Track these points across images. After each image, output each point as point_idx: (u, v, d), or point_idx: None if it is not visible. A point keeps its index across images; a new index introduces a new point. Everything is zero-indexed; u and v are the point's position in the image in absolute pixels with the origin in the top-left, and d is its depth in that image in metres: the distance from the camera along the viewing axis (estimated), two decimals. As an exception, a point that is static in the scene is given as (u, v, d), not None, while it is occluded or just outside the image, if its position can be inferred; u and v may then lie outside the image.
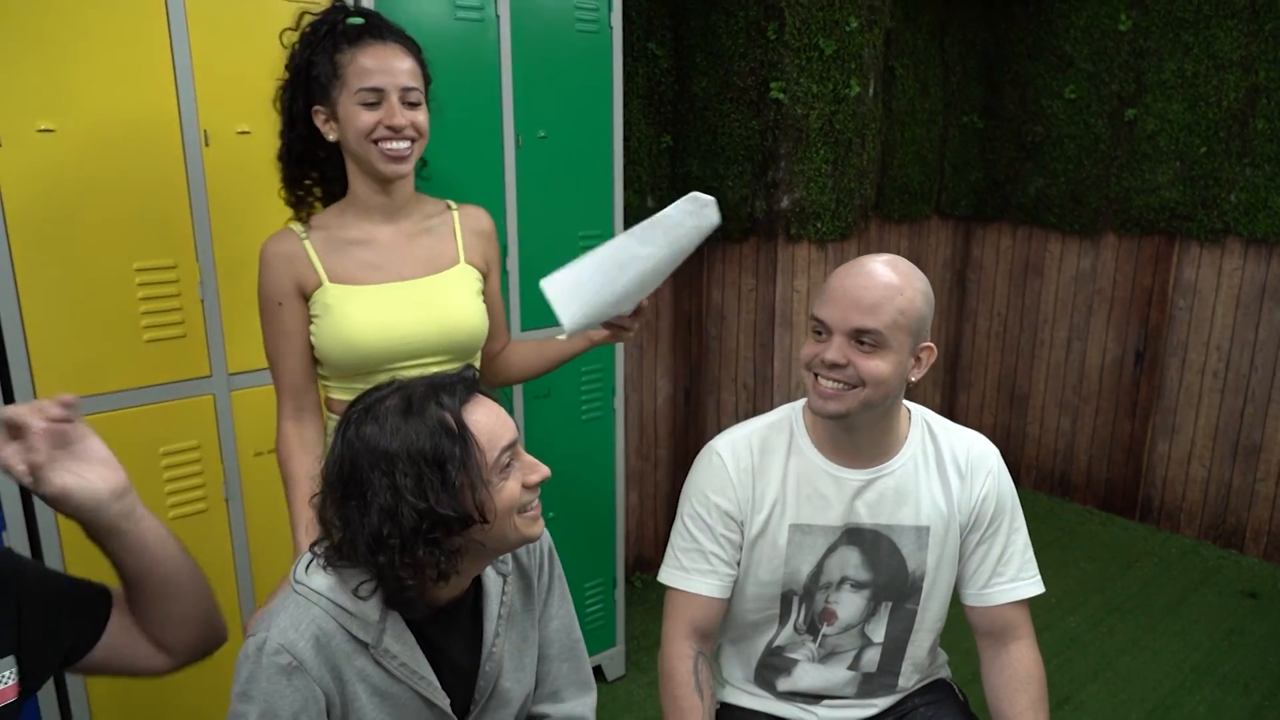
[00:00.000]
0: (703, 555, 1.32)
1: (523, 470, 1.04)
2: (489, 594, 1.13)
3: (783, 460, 1.33)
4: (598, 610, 2.50)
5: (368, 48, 1.34)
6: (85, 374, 1.60)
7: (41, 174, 1.51)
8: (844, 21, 2.59)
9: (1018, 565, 1.35)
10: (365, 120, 1.34)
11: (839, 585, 1.34)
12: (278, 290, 1.40)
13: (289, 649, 0.97)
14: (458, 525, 0.97)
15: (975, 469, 1.34)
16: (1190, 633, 2.82)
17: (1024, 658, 1.33)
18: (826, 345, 1.21)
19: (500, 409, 1.05)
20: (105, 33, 1.53)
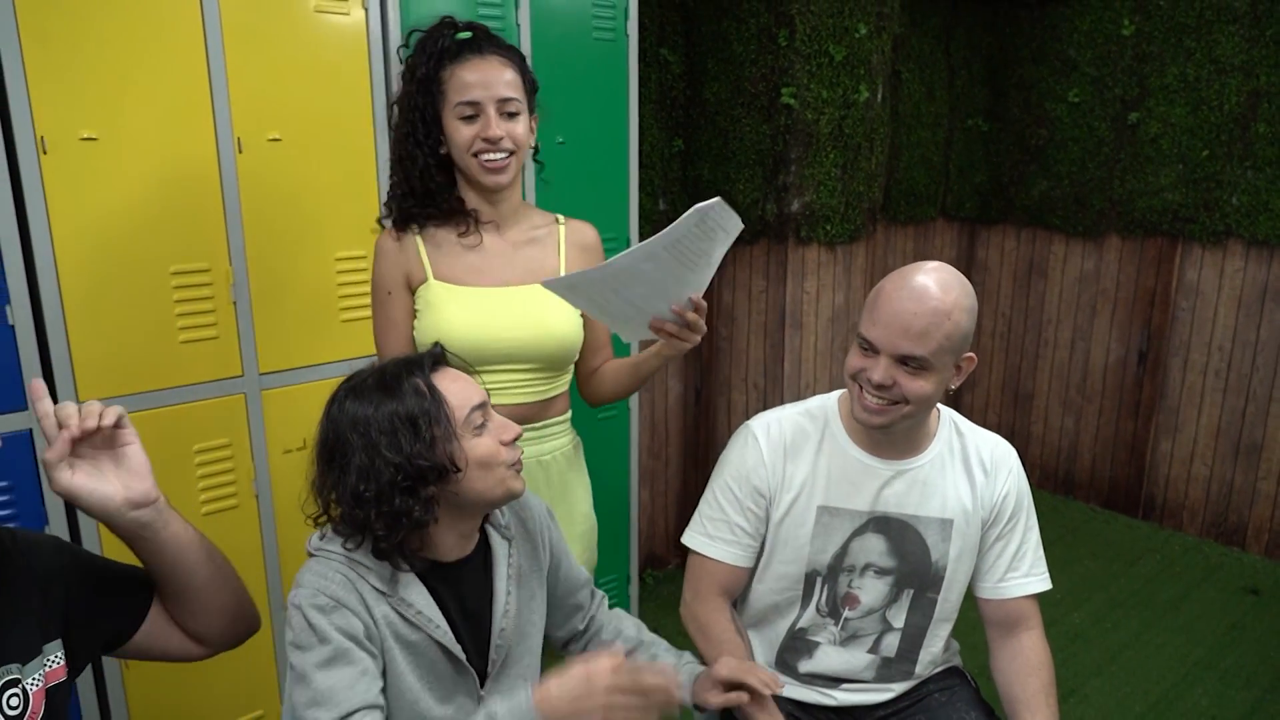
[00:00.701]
0: (728, 525, 1.40)
1: (497, 429, 1.13)
2: (497, 555, 1.21)
3: (815, 446, 1.39)
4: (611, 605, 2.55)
5: (466, 62, 1.37)
6: (123, 374, 1.65)
7: (84, 180, 1.56)
8: (853, 28, 2.64)
9: (1031, 561, 1.42)
10: (464, 134, 1.38)
11: (863, 571, 1.39)
12: (388, 280, 1.45)
13: (323, 591, 1.06)
14: (432, 474, 1.06)
15: (998, 467, 1.40)
16: (1193, 628, 2.86)
17: (1034, 646, 1.40)
18: (873, 363, 1.25)
19: (468, 378, 1.15)
20: (144, 44, 1.58)
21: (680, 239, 1.23)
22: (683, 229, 1.21)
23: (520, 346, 1.44)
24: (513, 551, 1.23)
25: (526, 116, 1.43)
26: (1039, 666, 1.37)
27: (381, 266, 1.45)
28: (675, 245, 1.23)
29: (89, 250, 1.58)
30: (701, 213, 1.19)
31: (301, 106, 1.77)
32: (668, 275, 1.29)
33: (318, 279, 1.85)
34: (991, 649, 1.44)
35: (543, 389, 1.49)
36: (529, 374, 1.47)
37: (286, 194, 1.79)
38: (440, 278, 1.44)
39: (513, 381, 1.46)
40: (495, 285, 1.45)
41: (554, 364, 1.49)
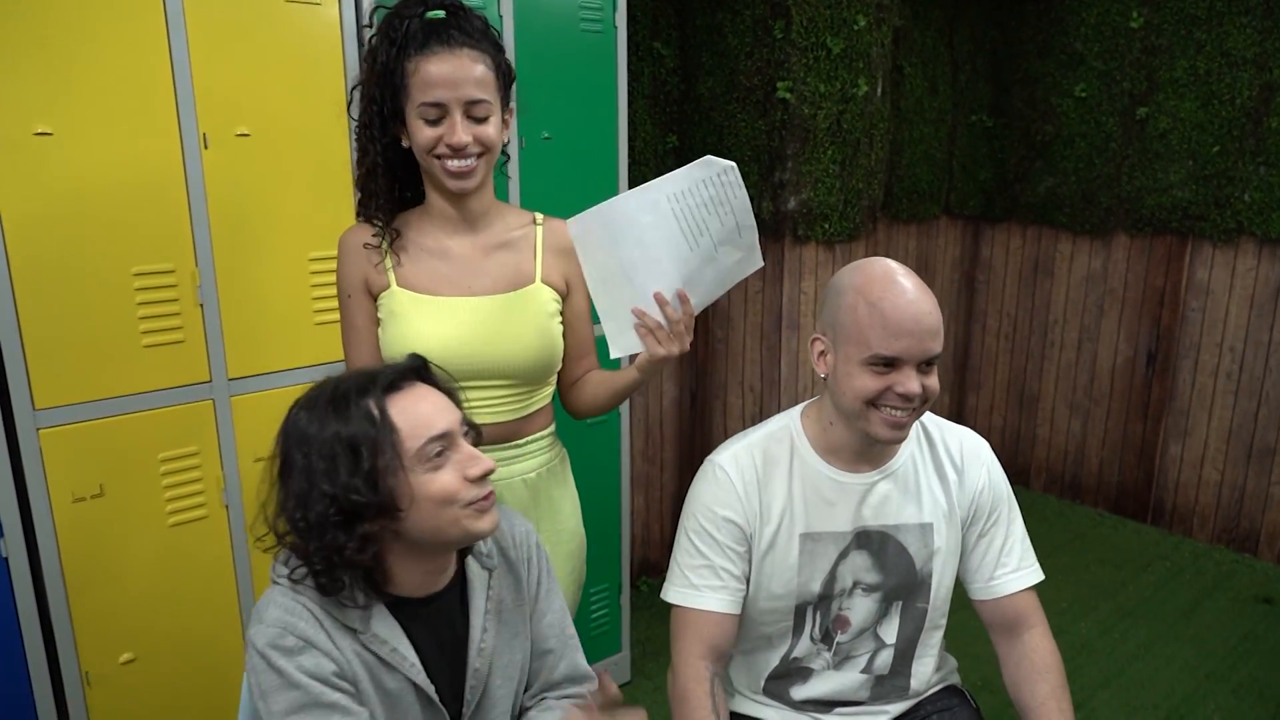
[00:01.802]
0: (712, 570, 1.29)
1: (462, 463, 1.02)
2: (474, 587, 1.11)
3: (786, 470, 1.31)
4: (603, 616, 2.48)
5: (432, 55, 1.23)
6: (83, 380, 1.58)
7: (38, 178, 1.49)
8: (852, 20, 2.56)
9: (1019, 554, 1.36)
10: (426, 136, 1.25)
11: (851, 591, 1.32)
12: (347, 281, 1.36)
13: (291, 630, 0.97)
14: (369, 511, 0.96)
15: (969, 462, 1.35)
16: (1204, 639, 2.78)
17: (1039, 646, 1.33)
18: (900, 376, 1.18)
19: (441, 399, 1.04)
20: (103, 34, 1.51)
21: (683, 192, 1.19)
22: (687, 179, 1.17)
23: (493, 363, 1.33)
24: (493, 583, 1.13)
25: (498, 115, 1.30)
26: (1046, 669, 1.30)
27: (342, 267, 1.37)
28: (679, 199, 1.19)
29: (44, 252, 1.51)
30: (708, 165, 1.15)
31: (271, 100, 1.70)
32: (661, 239, 1.23)
33: (290, 280, 1.78)
34: (998, 653, 1.38)
35: (520, 405, 1.39)
36: (505, 390, 1.36)
37: (256, 192, 1.71)
38: (404, 284, 1.34)
39: (487, 400, 1.36)
40: (463, 295, 1.34)
41: (530, 378, 1.38)
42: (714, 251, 1.27)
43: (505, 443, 1.39)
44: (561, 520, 1.49)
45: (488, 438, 1.35)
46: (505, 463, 1.38)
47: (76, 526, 1.60)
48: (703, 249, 1.26)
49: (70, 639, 1.63)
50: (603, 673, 1.13)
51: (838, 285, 1.25)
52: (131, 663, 1.70)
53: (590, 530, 1.60)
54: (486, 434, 1.34)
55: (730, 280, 1.32)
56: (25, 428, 1.53)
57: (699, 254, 1.26)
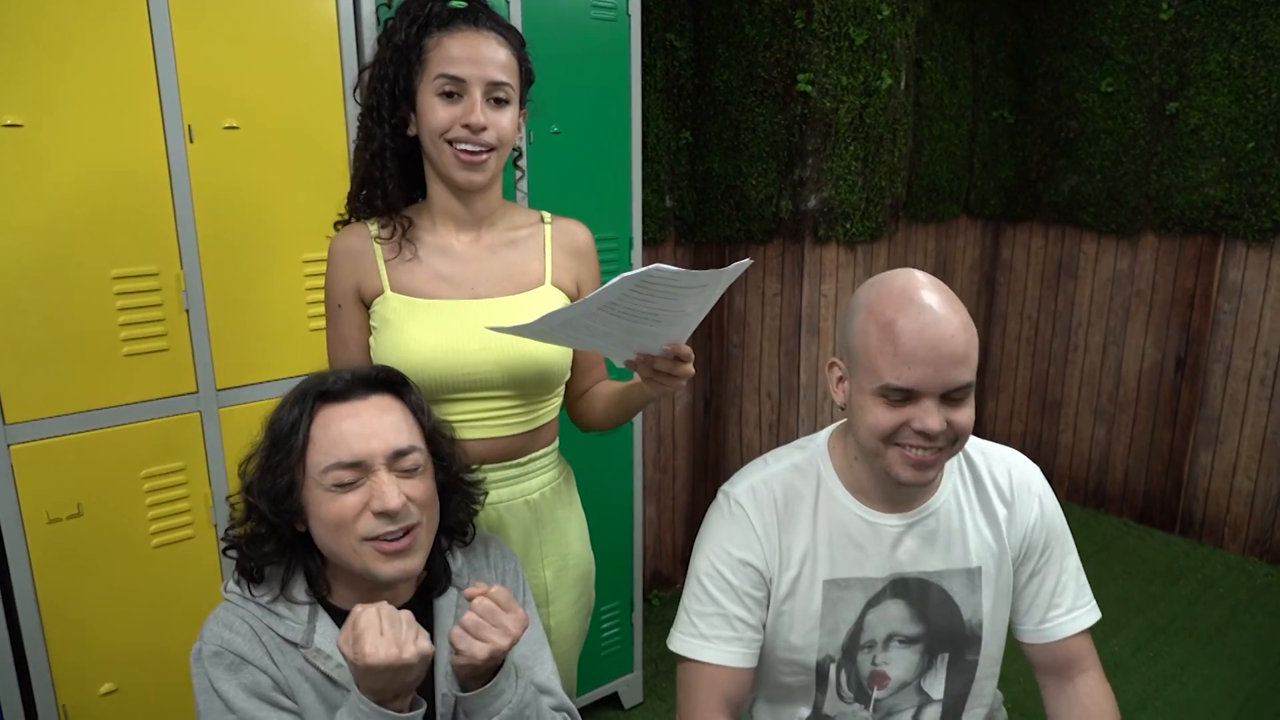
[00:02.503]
0: (725, 620, 1.15)
1: (371, 495, 0.96)
2: (439, 607, 1.07)
3: (811, 508, 1.17)
4: (614, 635, 2.36)
5: (456, 32, 1.16)
6: (58, 392, 1.47)
7: (7, 173, 1.38)
8: (876, 9, 2.43)
9: (1073, 593, 1.23)
10: (440, 116, 1.16)
11: (886, 643, 1.18)
12: (338, 291, 1.25)
13: (227, 647, 0.96)
14: (267, 508, 0.97)
15: (1019, 495, 1.21)
16: (1242, 658, 2.65)
17: (1093, 692, 1.21)
18: (919, 411, 1.03)
19: (389, 422, 0.99)
20: (78, 17, 1.40)
21: (613, 304, 0.97)
22: (614, 294, 0.95)
23: (495, 372, 1.22)
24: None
25: (516, 108, 1.21)
26: (1101, 715, 1.18)
27: (331, 275, 1.25)
28: (611, 308, 0.99)
29: (14, 254, 1.41)
30: (638, 278, 0.93)
31: (262, 90, 1.59)
32: (620, 331, 1.06)
33: (282, 283, 1.67)
34: (1045, 698, 1.26)
35: (526, 419, 1.28)
36: (508, 403, 1.25)
37: (246, 189, 1.60)
38: (398, 289, 1.22)
39: (489, 412, 1.24)
40: (465, 298, 1.23)
41: (537, 390, 1.27)
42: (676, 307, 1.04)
43: (508, 461, 1.27)
44: (568, 544, 1.38)
45: (488, 455, 1.24)
46: (508, 483, 1.27)
47: (52, 549, 1.50)
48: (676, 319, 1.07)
49: (46, 669, 1.52)
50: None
51: (853, 302, 1.12)
52: (113, 694, 1.59)
53: (601, 545, 1.49)
54: (487, 451, 1.23)
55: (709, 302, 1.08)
56: (-5, 444, 1.42)
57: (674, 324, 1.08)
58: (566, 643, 1.39)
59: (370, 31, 1.66)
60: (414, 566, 0.99)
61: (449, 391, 1.21)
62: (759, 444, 2.85)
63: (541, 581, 1.33)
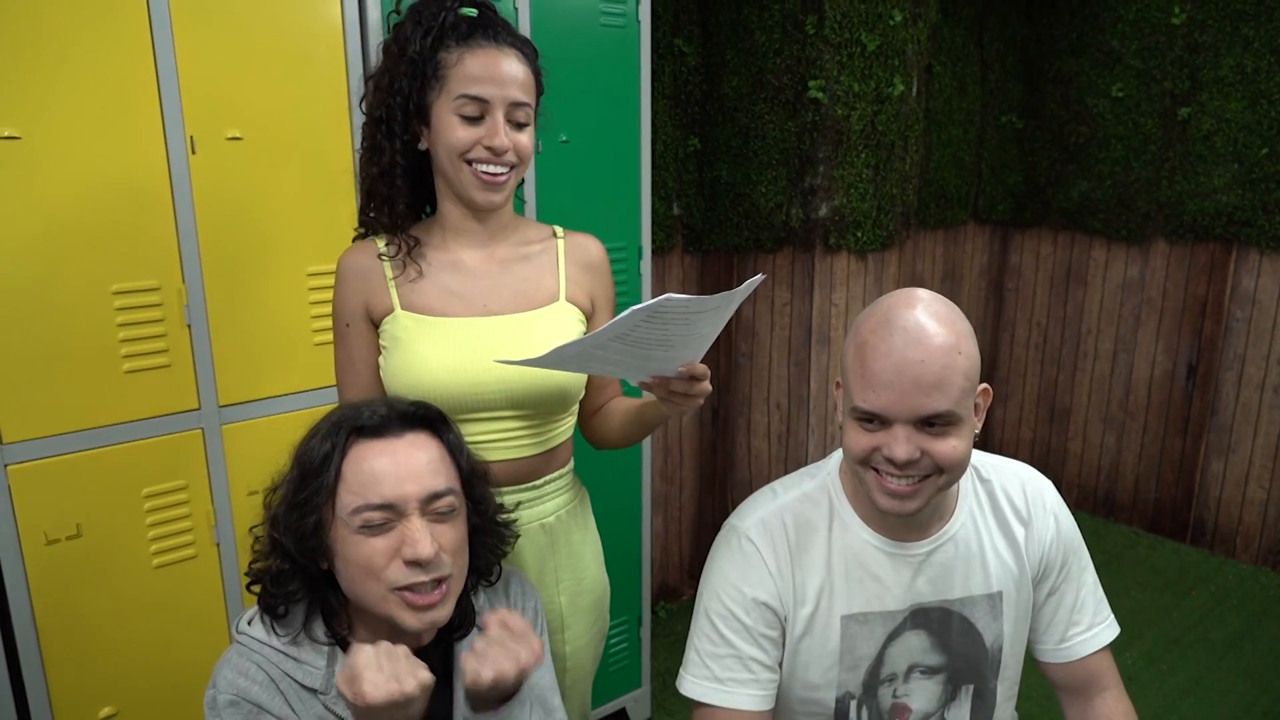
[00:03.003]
0: (740, 662, 1.11)
1: (405, 542, 0.92)
2: (460, 652, 1.01)
3: (825, 540, 1.13)
4: (622, 650, 2.32)
5: (476, 48, 1.12)
6: (57, 410, 1.44)
7: (4, 186, 1.35)
8: (887, 15, 2.40)
9: (1092, 609, 1.20)
10: (461, 137, 1.13)
11: (907, 675, 1.15)
12: (346, 310, 1.21)
13: (243, 696, 0.93)
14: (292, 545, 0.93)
15: (1035, 512, 1.18)
16: (1258, 671, 2.62)
17: (1115, 710, 1.18)
18: (888, 438, 0.99)
19: (425, 462, 0.95)
20: (78, 25, 1.37)
21: (625, 334, 0.96)
22: (625, 325, 0.94)
23: (509, 392, 1.18)
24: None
25: (534, 125, 1.19)
26: None
27: (339, 293, 1.21)
28: (623, 339, 0.97)
29: (11, 268, 1.37)
30: (649, 310, 0.92)
31: (266, 100, 1.56)
32: (634, 358, 1.04)
33: (286, 298, 1.64)
34: (1067, 717, 1.23)
35: (540, 440, 1.24)
36: (522, 423, 1.21)
37: (249, 201, 1.57)
38: (409, 306, 1.19)
39: (503, 433, 1.20)
40: (478, 315, 1.19)
41: (551, 409, 1.23)
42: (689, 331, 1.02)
43: (523, 483, 1.23)
44: (583, 568, 1.34)
45: (502, 477, 1.20)
46: (522, 507, 1.23)
47: (51, 570, 1.46)
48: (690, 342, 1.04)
49: (44, 693, 1.49)
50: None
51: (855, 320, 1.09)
52: (113, 718, 1.55)
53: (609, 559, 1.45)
54: (501, 473, 1.19)
55: (722, 321, 1.07)
56: (-9, 464, 1.38)
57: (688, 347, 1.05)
58: (581, 669, 1.35)
59: (377, 38, 1.62)
60: (443, 618, 0.95)
61: (461, 412, 1.17)
62: (768, 454, 2.81)
63: (556, 607, 1.29)
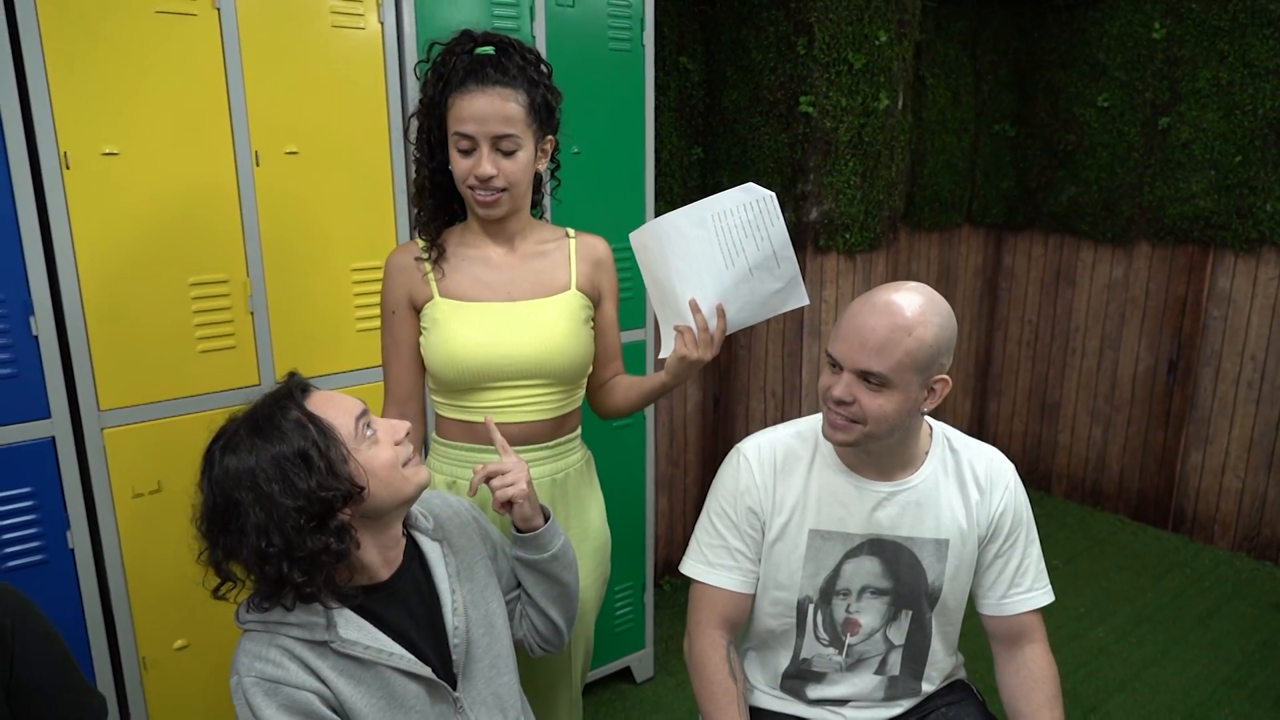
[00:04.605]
0: (727, 551, 1.38)
1: (387, 432, 1.12)
2: (431, 558, 1.20)
3: (805, 468, 1.38)
4: (627, 613, 2.55)
5: (466, 93, 1.33)
6: (143, 383, 1.68)
7: (105, 194, 1.59)
8: (873, 35, 2.62)
9: (1033, 576, 1.40)
10: (460, 166, 1.37)
11: (860, 594, 1.38)
12: (391, 299, 1.47)
13: (262, 676, 1.04)
14: (339, 501, 1.03)
15: (994, 483, 1.39)
16: (1222, 645, 2.80)
17: (1038, 659, 1.39)
18: (836, 380, 1.25)
19: (337, 393, 1.13)
20: (164, 61, 1.62)
21: (725, 212, 1.32)
22: (730, 202, 1.31)
23: (529, 362, 1.43)
24: (447, 551, 1.23)
25: (530, 147, 1.38)
26: (1043, 680, 1.36)
27: (386, 285, 1.47)
28: (721, 218, 1.32)
29: (110, 262, 1.62)
30: (750, 192, 1.30)
31: (318, 120, 1.80)
32: (704, 254, 1.36)
33: (333, 289, 1.88)
34: (996, 663, 1.44)
35: (556, 406, 1.49)
36: (541, 390, 1.46)
37: (303, 206, 1.81)
38: (446, 294, 1.44)
39: (525, 399, 1.45)
40: (502, 300, 1.45)
41: (566, 379, 1.48)
42: (749, 274, 1.37)
43: (538, 443, 1.48)
44: (588, 519, 1.58)
45: (522, 437, 1.45)
46: (537, 463, 1.48)
47: (136, 520, 1.71)
48: (738, 268, 1.37)
49: (130, 626, 1.73)
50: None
51: None
52: (185, 649, 1.80)
53: (616, 530, 1.68)
54: (521, 433, 1.45)
55: (770, 310, 1.42)
56: (91, 427, 1.64)
57: (734, 273, 1.37)
58: (585, 606, 1.59)
59: (412, 72, 1.87)
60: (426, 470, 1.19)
61: (489, 380, 1.42)
62: (765, 439, 3.03)
63: None
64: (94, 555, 1.69)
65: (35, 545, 1.62)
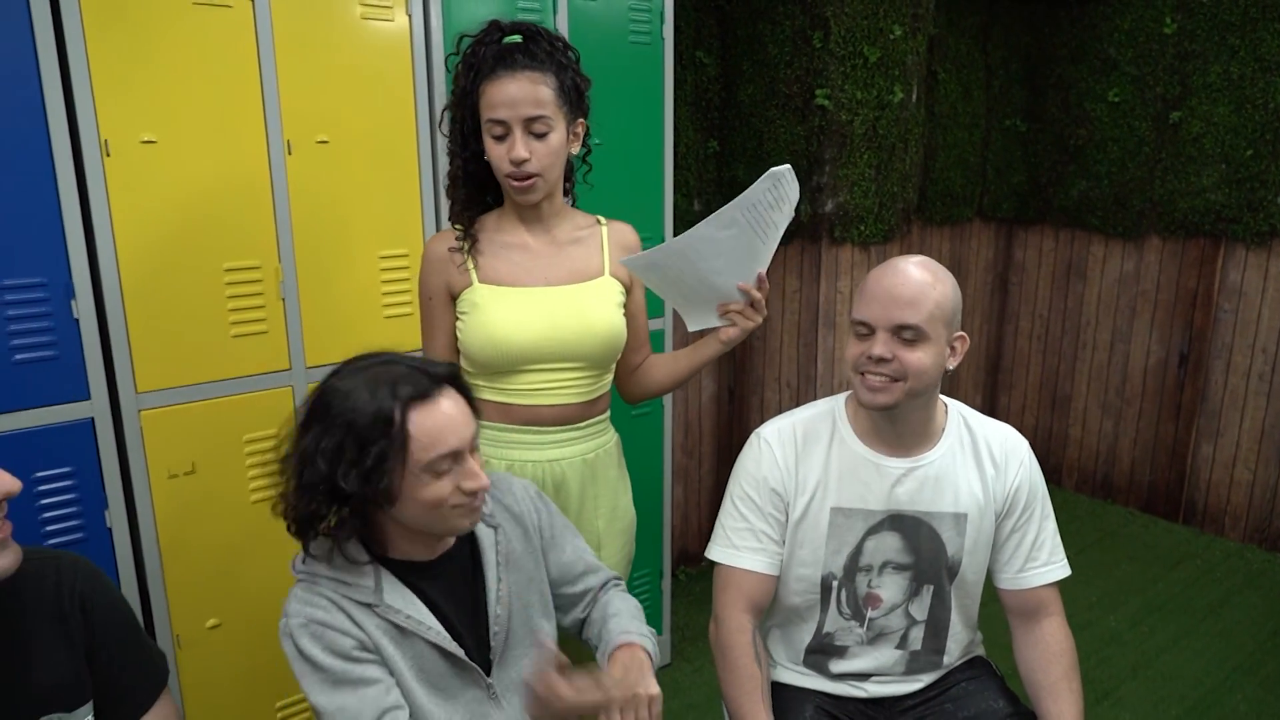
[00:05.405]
0: (752, 533, 1.41)
1: (462, 476, 1.11)
2: (483, 544, 1.24)
3: (825, 447, 1.42)
4: (644, 599, 2.59)
5: (497, 80, 1.37)
6: (179, 365, 1.73)
7: (144, 181, 1.64)
8: (888, 29, 2.65)
9: (1049, 550, 1.44)
10: (495, 152, 1.40)
11: (881, 569, 1.41)
12: (429, 286, 1.51)
13: (311, 619, 1.09)
14: (354, 500, 1.06)
15: (1009, 459, 1.43)
16: (1233, 633, 2.83)
17: (1055, 633, 1.42)
18: (871, 342, 1.30)
19: (463, 411, 1.12)
20: (201, 53, 1.66)
21: (756, 203, 1.37)
22: (758, 193, 1.35)
23: (566, 345, 1.47)
24: (500, 537, 1.25)
25: (563, 130, 1.42)
26: (1060, 653, 1.39)
27: (424, 272, 1.51)
28: (752, 209, 1.37)
29: (148, 247, 1.66)
30: (775, 177, 1.35)
31: (348, 110, 1.84)
32: (740, 245, 1.42)
33: (362, 276, 1.92)
34: (1014, 637, 1.47)
35: (588, 388, 1.53)
36: (576, 373, 1.50)
37: (333, 194, 1.85)
38: (485, 280, 1.47)
39: (560, 381, 1.49)
40: (539, 285, 1.48)
41: (599, 362, 1.52)
42: (778, 232, 1.46)
43: (570, 424, 1.52)
44: (617, 498, 1.62)
45: (554, 419, 1.49)
46: (570, 443, 1.52)
47: (171, 500, 1.75)
48: (771, 238, 1.45)
49: (164, 604, 1.77)
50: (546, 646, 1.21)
51: None
52: (217, 628, 1.84)
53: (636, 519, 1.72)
54: (553, 415, 1.48)
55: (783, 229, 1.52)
56: (129, 409, 1.68)
57: (769, 243, 1.46)
58: (612, 583, 1.63)
59: (439, 64, 1.91)
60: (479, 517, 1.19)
61: (528, 362, 1.46)
62: (779, 430, 3.07)
63: (595, 529, 1.57)
64: (130, 534, 1.73)
65: (74, 524, 1.66)
